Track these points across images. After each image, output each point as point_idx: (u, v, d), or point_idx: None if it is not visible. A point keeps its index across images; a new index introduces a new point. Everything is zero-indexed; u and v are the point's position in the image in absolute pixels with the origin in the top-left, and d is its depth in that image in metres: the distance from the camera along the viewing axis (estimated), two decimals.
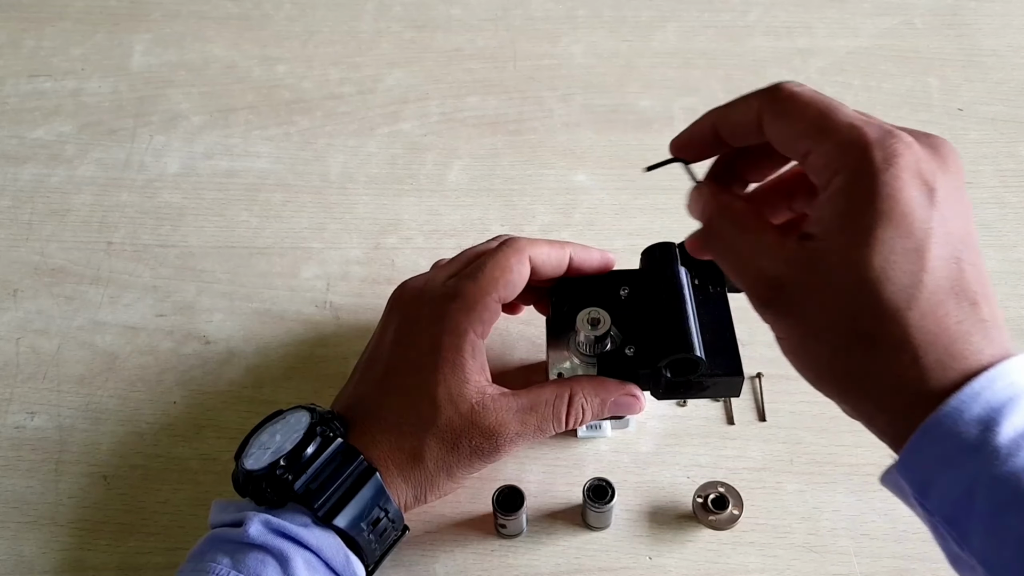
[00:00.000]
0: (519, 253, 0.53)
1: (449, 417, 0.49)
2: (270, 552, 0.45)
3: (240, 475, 0.49)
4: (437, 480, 0.50)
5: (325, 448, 0.48)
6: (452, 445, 0.49)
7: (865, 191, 0.37)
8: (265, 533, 0.46)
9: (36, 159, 0.74)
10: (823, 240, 0.38)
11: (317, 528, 0.47)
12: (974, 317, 0.37)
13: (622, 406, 0.52)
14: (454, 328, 0.50)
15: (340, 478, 0.48)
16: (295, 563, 0.45)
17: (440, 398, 0.49)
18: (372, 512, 0.48)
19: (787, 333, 0.40)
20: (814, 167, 0.40)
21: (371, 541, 0.48)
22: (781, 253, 0.40)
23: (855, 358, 0.37)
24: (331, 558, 0.46)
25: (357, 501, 0.48)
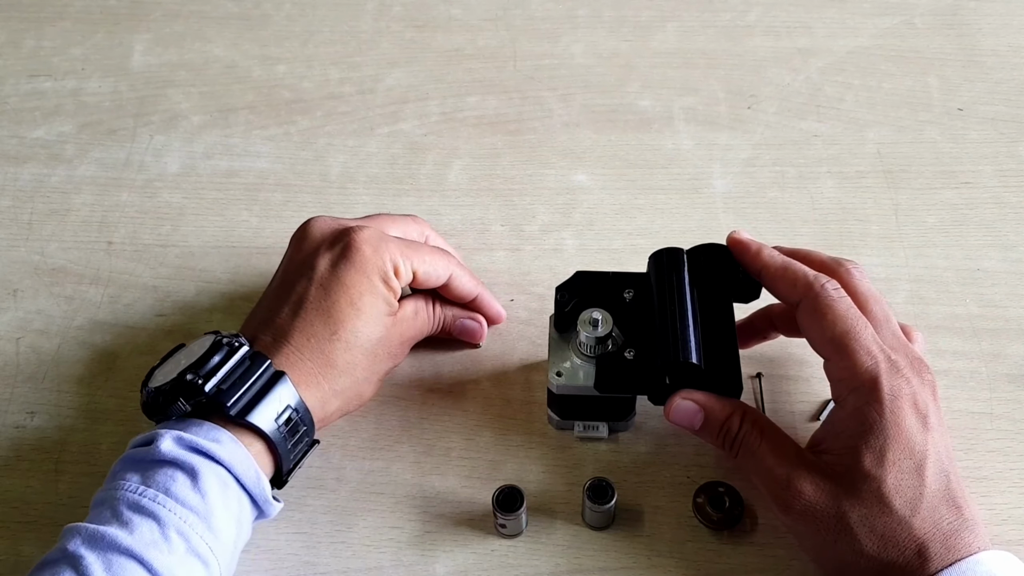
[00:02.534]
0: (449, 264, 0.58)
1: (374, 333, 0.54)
2: (180, 467, 0.47)
3: (148, 397, 0.50)
4: (362, 390, 0.55)
5: (231, 355, 0.50)
6: (374, 355, 0.54)
7: (876, 417, 0.48)
8: (175, 448, 0.47)
9: (36, 159, 0.74)
10: (843, 456, 0.48)
11: (230, 443, 0.48)
12: (961, 518, 0.47)
13: (468, 330, 0.61)
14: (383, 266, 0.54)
15: (250, 380, 0.49)
16: (206, 477, 0.46)
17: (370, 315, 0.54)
18: (284, 412, 0.49)
19: (813, 535, 0.48)
20: (832, 374, 0.51)
21: (287, 444, 0.50)
22: (802, 462, 0.49)
23: (872, 553, 0.46)
24: (242, 474, 0.48)
25: (270, 400, 0.49)
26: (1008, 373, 0.61)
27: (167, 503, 0.45)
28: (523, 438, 0.58)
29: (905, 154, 0.73)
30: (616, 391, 0.54)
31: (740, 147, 0.74)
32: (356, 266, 0.53)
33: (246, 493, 0.48)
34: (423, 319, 0.59)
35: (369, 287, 0.54)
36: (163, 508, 0.45)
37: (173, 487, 0.46)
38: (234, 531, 0.48)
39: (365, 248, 0.54)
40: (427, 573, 0.53)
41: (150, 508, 0.45)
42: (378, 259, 0.54)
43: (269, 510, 0.50)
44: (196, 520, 0.46)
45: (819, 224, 0.69)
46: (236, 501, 0.48)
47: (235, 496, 0.48)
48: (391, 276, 0.54)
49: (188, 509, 0.46)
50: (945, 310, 0.64)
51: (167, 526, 0.45)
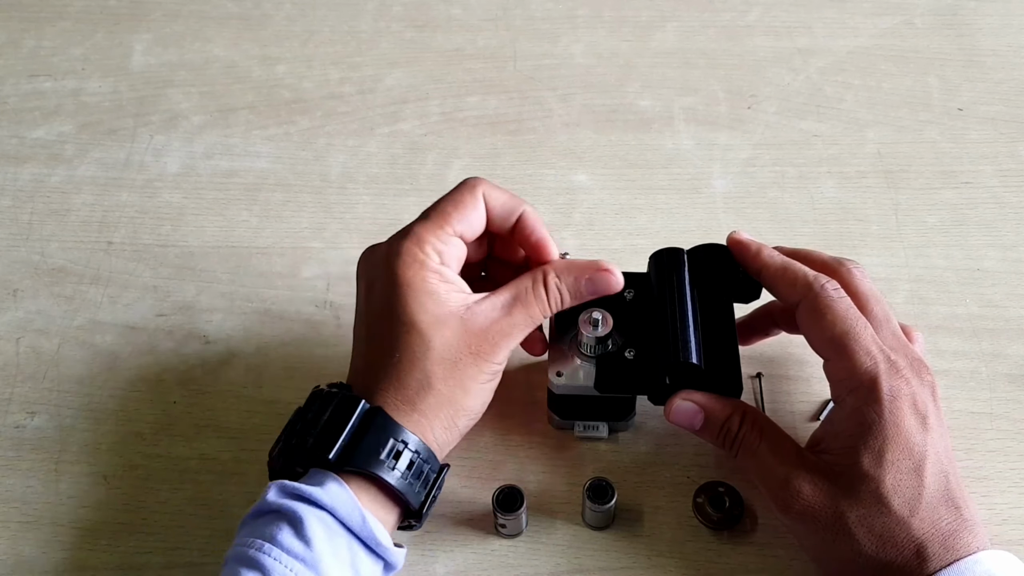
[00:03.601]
0: (473, 189, 0.53)
1: (443, 338, 0.49)
2: (284, 514, 0.46)
3: (273, 465, 0.50)
4: (455, 398, 0.50)
5: (325, 408, 0.49)
6: (453, 361, 0.50)
7: (876, 417, 0.48)
8: (280, 497, 0.46)
9: (36, 159, 0.74)
10: (842, 456, 0.48)
11: (334, 487, 0.47)
12: (960, 518, 0.47)
13: (597, 282, 0.52)
14: (412, 259, 0.51)
15: (347, 427, 0.48)
16: (309, 523, 0.45)
17: (426, 325, 0.49)
18: (389, 447, 0.48)
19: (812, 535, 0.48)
20: (831, 375, 0.51)
21: (406, 481, 0.48)
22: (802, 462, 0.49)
23: (871, 553, 0.47)
24: (346, 517, 0.46)
25: (368, 440, 0.48)
26: (1008, 373, 0.61)
27: (272, 551, 0.44)
28: (523, 438, 0.58)
29: (905, 154, 0.73)
30: (616, 391, 0.54)
31: (740, 147, 0.74)
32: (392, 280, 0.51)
33: (355, 538, 0.46)
34: (521, 310, 0.52)
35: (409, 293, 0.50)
36: (268, 557, 0.44)
37: (279, 535, 0.45)
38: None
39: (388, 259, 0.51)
40: (427, 573, 0.53)
41: (256, 559, 0.44)
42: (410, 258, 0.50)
43: (389, 556, 0.48)
44: (303, 568, 0.44)
45: (819, 224, 0.69)
46: (346, 547, 0.46)
47: (343, 541, 0.46)
48: (433, 265, 0.51)
49: (293, 557, 0.44)
50: (945, 310, 0.64)
51: (272, 574, 0.44)
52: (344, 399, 0.49)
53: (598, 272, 0.52)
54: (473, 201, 0.53)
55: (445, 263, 0.51)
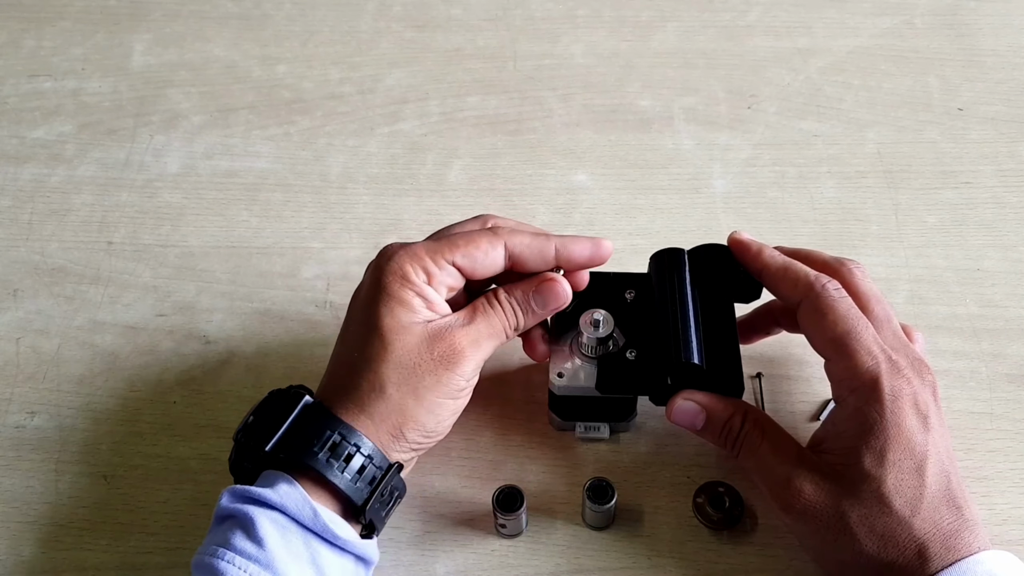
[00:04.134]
0: (495, 238, 0.52)
1: (404, 342, 0.49)
2: (236, 518, 0.46)
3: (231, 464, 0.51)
4: (405, 406, 0.49)
5: (272, 405, 0.49)
6: (411, 367, 0.49)
7: (877, 417, 0.48)
8: (232, 501, 0.47)
9: (36, 159, 0.74)
10: (843, 456, 0.48)
11: (284, 486, 0.47)
12: (961, 518, 0.47)
13: (544, 294, 0.52)
14: (398, 269, 0.50)
15: (287, 421, 0.48)
16: (260, 523, 0.45)
17: (387, 328, 0.49)
18: (324, 438, 0.47)
19: (813, 535, 0.48)
20: (833, 375, 0.51)
21: (346, 476, 0.47)
22: (803, 461, 0.49)
23: (872, 553, 0.46)
24: (296, 513, 0.46)
25: (304, 432, 0.48)
26: (1008, 373, 0.61)
27: (226, 555, 0.45)
28: (523, 438, 0.58)
29: (905, 154, 0.73)
30: (618, 392, 0.54)
31: (740, 147, 0.74)
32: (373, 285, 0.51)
33: (311, 534, 0.46)
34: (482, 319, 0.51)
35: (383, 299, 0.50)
36: (222, 561, 0.44)
37: (233, 539, 0.45)
38: (311, 575, 0.46)
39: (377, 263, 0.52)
40: (427, 573, 0.53)
41: (212, 565, 0.45)
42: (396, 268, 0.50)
43: (355, 549, 0.47)
44: (257, 568, 0.44)
45: (819, 224, 0.69)
46: (302, 544, 0.46)
47: (298, 538, 0.46)
48: (416, 280, 0.50)
49: (247, 559, 0.44)
50: (945, 310, 0.64)
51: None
52: (289, 395, 0.50)
53: (543, 283, 0.52)
54: (488, 247, 0.51)
55: (432, 285, 0.51)
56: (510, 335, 0.52)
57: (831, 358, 0.51)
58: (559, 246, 0.53)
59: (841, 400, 0.50)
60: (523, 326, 0.53)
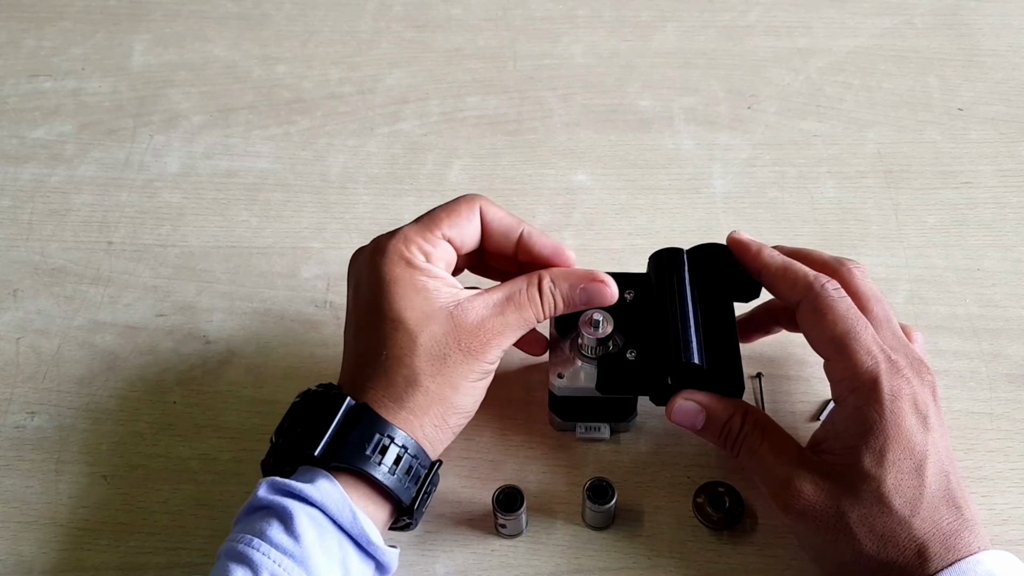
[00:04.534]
0: (470, 201, 0.53)
1: (431, 333, 0.49)
2: (274, 510, 0.46)
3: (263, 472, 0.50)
4: (444, 396, 0.49)
5: (311, 407, 0.49)
6: (441, 357, 0.49)
7: (877, 417, 0.48)
8: (270, 493, 0.46)
9: (36, 159, 0.74)
10: (843, 456, 0.48)
11: (325, 484, 0.46)
12: (961, 518, 0.47)
13: (591, 292, 0.52)
14: (397, 257, 0.50)
15: (332, 424, 0.48)
16: (299, 519, 0.45)
17: (413, 321, 0.49)
18: (375, 442, 0.47)
19: (813, 535, 0.48)
20: (832, 374, 0.51)
21: (394, 476, 0.47)
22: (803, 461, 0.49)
23: (872, 552, 0.46)
24: (336, 513, 0.46)
25: (353, 436, 0.47)
26: (1008, 373, 0.61)
27: (261, 547, 0.44)
28: (523, 438, 0.58)
29: (905, 154, 0.73)
30: (618, 392, 0.54)
31: (740, 147, 0.74)
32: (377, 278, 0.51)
33: (345, 535, 0.46)
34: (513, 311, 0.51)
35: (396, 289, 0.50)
36: (256, 552, 0.44)
37: (268, 531, 0.45)
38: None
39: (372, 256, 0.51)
40: (427, 573, 0.53)
41: (245, 554, 0.44)
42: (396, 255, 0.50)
43: (380, 556, 0.47)
44: (291, 564, 0.44)
45: (819, 224, 0.69)
46: (336, 544, 0.46)
47: (333, 538, 0.46)
48: (419, 263, 0.50)
49: (282, 552, 0.44)
50: (945, 310, 0.64)
51: (261, 569, 0.44)
52: (329, 397, 0.49)
53: (593, 282, 0.52)
54: (468, 212, 0.53)
55: (432, 262, 0.51)
56: (540, 321, 0.52)
57: (830, 358, 0.51)
58: (525, 233, 0.53)
59: (841, 400, 0.50)
60: (556, 314, 0.53)
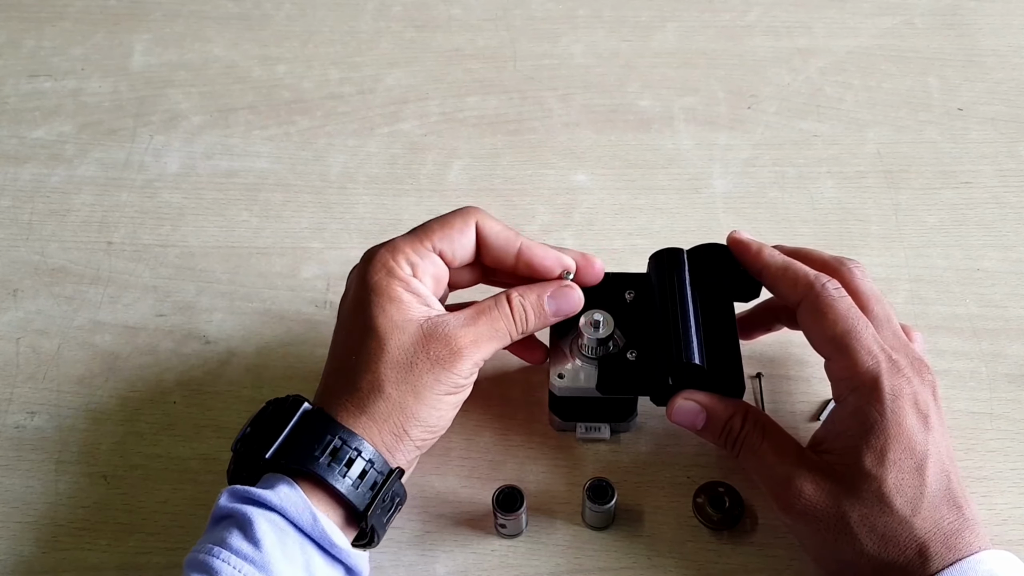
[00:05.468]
0: (465, 215, 0.53)
1: (399, 341, 0.49)
2: (235, 517, 0.46)
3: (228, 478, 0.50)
4: (406, 404, 0.49)
5: (270, 413, 0.49)
6: (408, 365, 0.49)
7: (877, 417, 0.48)
8: (231, 501, 0.47)
9: (36, 159, 0.74)
10: (844, 456, 0.48)
11: (284, 489, 0.46)
12: (962, 518, 0.47)
13: (558, 299, 0.52)
14: (381, 266, 0.50)
15: (286, 428, 0.48)
16: (257, 524, 0.45)
17: (382, 327, 0.49)
18: (325, 443, 0.47)
19: (813, 535, 0.48)
20: (833, 374, 0.51)
21: (348, 480, 0.47)
22: (803, 461, 0.49)
23: (872, 552, 0.46)
24: (295, 517, 0.46)
25: (304, 438, 0.47)
26: (1008, 373, 0.61)
27: (221, 554, 0.44)
28: (523, 438, 0.58)
29: (905, 154, 0.73)
30: (618, 392, 0.54)
31: (740, 147, 0.74)
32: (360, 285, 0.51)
33: (307, 539, 0.46)
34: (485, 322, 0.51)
35: (373, 298, 0.50)
36: (217, 559, 0.44)
37: (229, 539, 0.45)
38: None
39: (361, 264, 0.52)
40: (427, 573, 0.53)
41: (206, 562, 0.44)
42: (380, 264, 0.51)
43: (346, 559, 0.47)
44: (252, 569, 0.44)
45: (819, 224, 0.69)
46: (298, 548, 0.45)
47: (295, 542, 0.45)
48: (402, 274, 0.50)
49: (243, 559, 0.44)
50: (945, 310, 0.64)
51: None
52: (288, 403, 0.49)
53: (559, 288, 0.52)
54: (462, 225, 0.52)
55: (417, 275, 0.51)
56: (514, 337, 0.52)
57: (831, 357, 0.51)
58: (524, 247, 0.53)
59: (841, 399, 0.50)
60: (530, 329, 0.53)
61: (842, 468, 0.48)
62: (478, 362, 0.51)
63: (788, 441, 0.51)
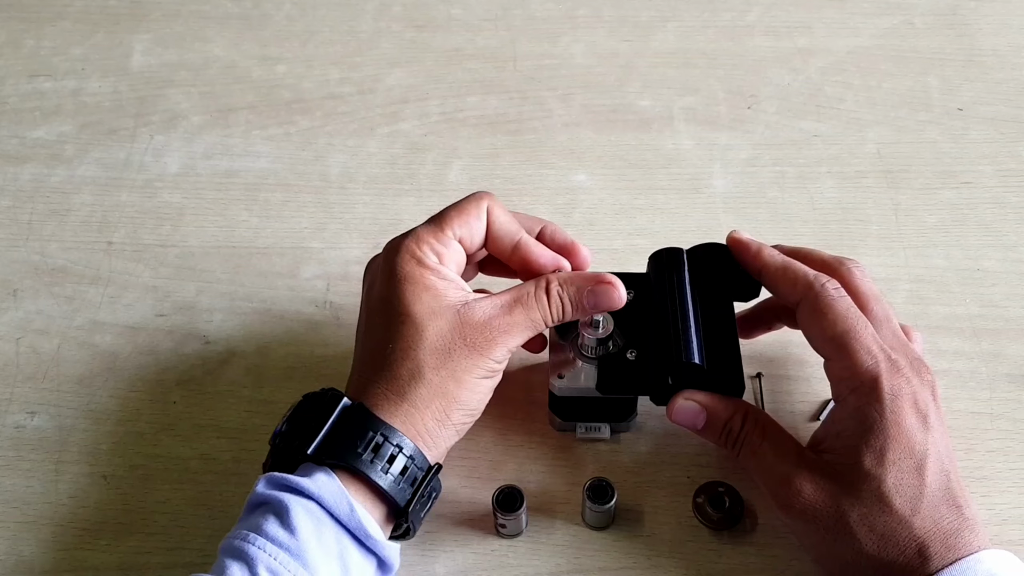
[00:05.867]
0: (478, 200, 0.53)
1: (437, 327, 0.49)
2: (271, 504, 0.46)
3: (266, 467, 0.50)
4: (447, 389, 0.49)
5: (308, 408, 0.49)
6: (446, 351, 0.49)
7: (877, 416, 0.48)
8: (268, 488, 0.47)
9: (36, 159, 0.74)
10: (843, 455, 0.48)
11: (322, 478, 0.46)
12: (961, 517, 0.47)
13: (599, 295, 0.52)
14: (410, 256, 0.51)
15: (327, 423, 0.48)
16: (295, 512, 0.45)
17: (420, 315, 0.49)
18: (367, 440, 0.47)
19: (813, 534, 0.48)
20: (832, 374, 0.51)
21: (390, 477, 0.47)
22: (803, 461, 0.49)
23: (872, 552, 0.46)
24: (333, 506, 0.46)
25: (346, 433, 0.47)
26: (1008, 373, 0.61)
27: (257, 541, 0.44)
28: (523, 438, 0.58)
29: (905, 154, 0.73)
30: (618, 392, 0.54)
31: (740, 147, 0.74)
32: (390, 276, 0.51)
33: (343, 529, 0.46)
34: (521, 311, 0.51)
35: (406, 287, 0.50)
36: (252, 546, 0.44)
37: (265, 525, 0.45)
38: (337, 571, 0.45)
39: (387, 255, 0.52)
40: (427, 573, 0.53)
41: (242, 549, 0.44)
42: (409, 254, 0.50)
43: (380, 551, 0.47)
44: (287, 557, 0.44)
45: (819, 224, 0.69)
46: (334, 538, 0.46)
47: (331, 532, 0.46)
48: (431, 263, 0.50)
49: (278, 546, 0.44)
50: (945, 310, 0.64)
51: (256, 564, 0.44)
52: (326, 397, 0.49)
53: (601, 284, 0.52)
54: (476, 210, 0.53)
55: (444, 263, 0.51)
56: (548, 326, 0.52)
57: (831, 357, 0.51)
58: (523, 242, 0.53)
59: (841, 399, 0.50)
60: (565, 320, 0.52)
61: (841, 468, 0.48)
62: (511, 347, 0.51)
63: (788, 441, 0.51)
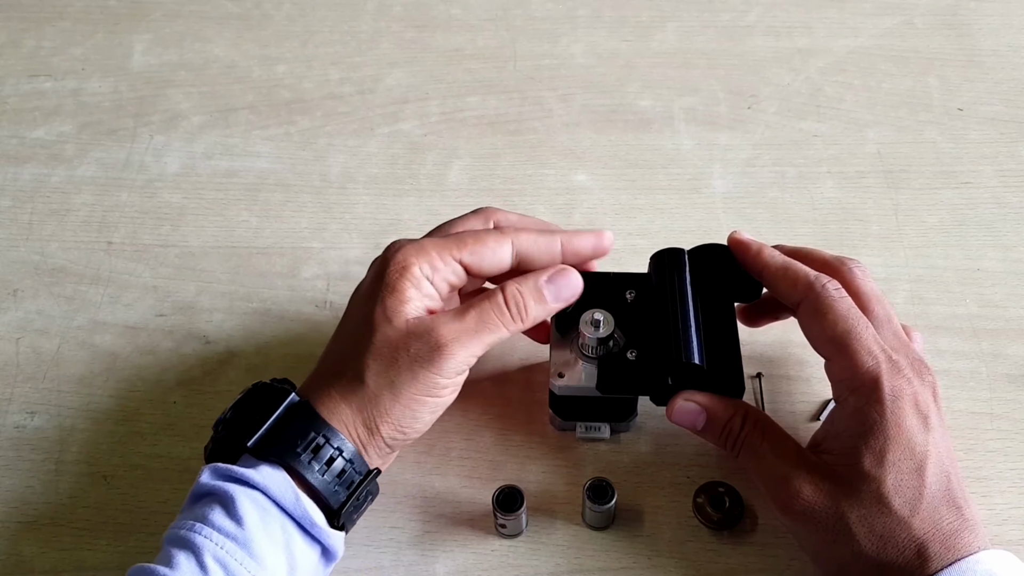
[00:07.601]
0: (502, 237, 0.52)
1: (384, 333, 0.49)
2: (216, 495, 0.46)
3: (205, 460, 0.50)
4: (381, 399, 0.48)
5: (255, 400, 0.49)
6: (390, 359, 0.48)
7: (877, 417, 0.48)
8: (212, 479, 0.47)
9: (36, 159, 0.74)
10: (843, 456, 0.48)
11: (267, 469, 0.47)
12: (961, 518, 0.47)
13: (556, 282, 0.52)
14: (402, 263, 0.50)
15: (271, 417, 0.48)
16: (241, 502, 0.45)
17: (376, 318, 0.49)
18: (308, 439, 0.47)
19: (813, 535, 0.48)
20: (833, 374, 0.51)
21: (325, 479, 0.47)
22: (803, 462, 0.49)
23: (871, 553, 0.46)
24: (279, 496, 0.46)
25: (288, 431, 0.48)
26: (1008, 373, 0.61)
27: (203, 531, 0.45)
28: (523, 438, 0.58)
29: (905, 154, 0.73)
30: (618, 392, 0.54)
31: (740, 147, 0.74)
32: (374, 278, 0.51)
33: (288, 518, 0.46)
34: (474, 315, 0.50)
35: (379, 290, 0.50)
36: (199, 536, 0.44)
37: (210, 515, 0.45)
38: (283, 560, 0.46)
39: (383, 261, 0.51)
40: (427, 573, 0.53)
41: (188, 538, 0.45)
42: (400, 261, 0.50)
43: (325, 539, 0.47)
44: (234, 546, 0.44)
45: (819, 224, 0.69)
46: (279, 527, 0.46)
47: (276, 521, 0.46)
48: (415, 274, 0.50)
49: (224, 535, 0.44)
50: (945, 310, 0.64)
51: (203, 553, 0.44)
52: (274, 391, 0.50)
53: (556, 272, 0.52)
54: (497, 246, 0.52)
55: (434, 280, 0.51)
56: (512, 329, 0.51)
57: (831, 358, 0.50)
58: (564, 241, 0.54)
59: (841, 400, 0.50)
60: (531, 319, 0.51)
61: (841, 469, 0.48)
62: (465, 360, 0.49)
63: (788, 441, 0.51)
